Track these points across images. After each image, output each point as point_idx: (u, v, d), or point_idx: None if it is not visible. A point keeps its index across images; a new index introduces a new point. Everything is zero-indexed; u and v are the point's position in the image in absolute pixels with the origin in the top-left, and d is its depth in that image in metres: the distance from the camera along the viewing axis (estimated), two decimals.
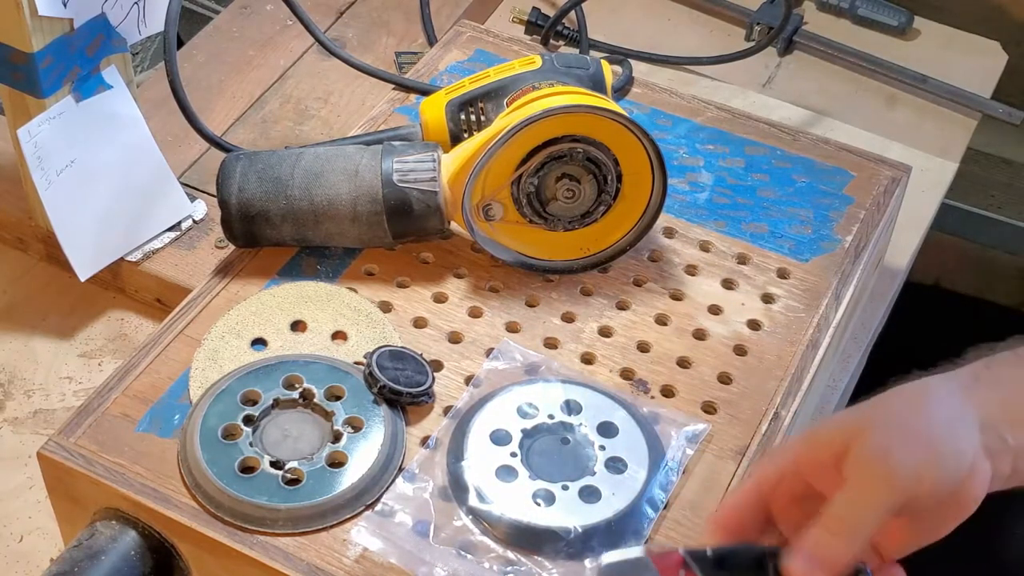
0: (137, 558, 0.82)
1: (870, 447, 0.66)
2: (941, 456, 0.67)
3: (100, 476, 0.83)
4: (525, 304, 0.95)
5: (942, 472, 0.67)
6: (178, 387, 0.88)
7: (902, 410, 0.69)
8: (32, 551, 0.95)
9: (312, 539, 0.80)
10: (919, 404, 0.69)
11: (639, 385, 0.90)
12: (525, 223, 0.96)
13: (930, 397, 0.70)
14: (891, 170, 1.07)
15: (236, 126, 1.24)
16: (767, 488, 0.70)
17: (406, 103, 1.11)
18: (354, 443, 0.83)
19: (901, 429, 0.67)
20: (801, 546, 0.66)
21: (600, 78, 1.02)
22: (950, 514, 0.69)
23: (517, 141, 0.92)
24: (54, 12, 0.94)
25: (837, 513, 0.66)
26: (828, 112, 1.30)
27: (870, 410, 0.69)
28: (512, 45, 1.17)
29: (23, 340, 1.09)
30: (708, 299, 0.96)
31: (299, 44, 1.32)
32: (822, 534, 0.66)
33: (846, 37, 1.38)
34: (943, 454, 0.67)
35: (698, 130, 1.09)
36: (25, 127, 0.99)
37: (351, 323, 0.92)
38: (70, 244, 1.04)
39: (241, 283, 0.95)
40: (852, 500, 0.66)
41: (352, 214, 0.94)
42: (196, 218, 1.12)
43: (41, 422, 1.03)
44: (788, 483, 0.70)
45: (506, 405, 0.86)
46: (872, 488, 0.66)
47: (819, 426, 0.70)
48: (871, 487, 0.66)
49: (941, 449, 0.67)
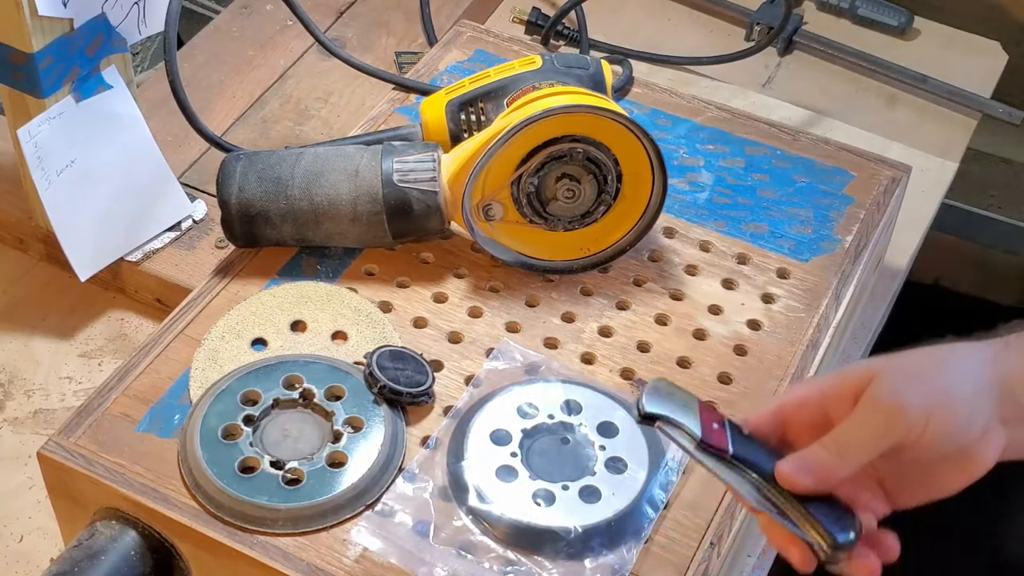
0: (137, 558, 0.82)
1: (883, 385, 0.69)
2: (952, 407, 0.69)
3: (100, 476, 0.83)
4: (525, 304, 0.95)
5: (949, 421, 0.69)
6: (178, 387, 0.88)
7: (926, 363, 0.71)
8: (32, 551, 0.95)
9: (312, 539, 0.80)
10: (943, 361, 0.72)
11: (639, 385, 0.90)
12: (525, 223, 0.96)
13: (955, 357, 0.72)
14: (891, 170, 1.07)
15: (236, 126, 1.24)
16: (789, 409, 0.73)
17: (406, 103, 1.11)
18: (354, 443, 0.83)
19: (919, 377, 0.70)
20: (797, 454, 0.70)
21: (600, 78, 1.02)
22: (959, 472, 0.71)
23: (517, 141, 0.92)
24: (54, 12, 0.94)
25: (835, 434, 0.70)
26: (828, 112, 1.30)
27: (897, 359, 0.72)
28: (512, 45, 1.17)
29: (23, 340, 1.09)
30: (708, 299, 0.96)
31: (299, 44, 1.32)
32: (817, 448, 0.70)
33: (846, 37, 1.38)
34: (954, 407, 0.69)
35: (698, 130, 1.09)
36: (25, 127, 0.99)
37: (351, 323, 0.92)
38: (70, 244, 1.04)
39: (241, 283, 0.95)
40: (853, 424, 0.69)
41: (352, 214, 0.94)
42: (196, 218, 1.12)
43: (41, 422, 1.03)
44: (809, 410, 0.72)
45: (506, 405, 0.86)
46: (874, 418, 0.69)
47: (848, 367, 0.74)
48: (873, 417, 0.69)
49: (953, 402, 0.69)
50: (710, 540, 0.82)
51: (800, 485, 0.69)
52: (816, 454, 0.70)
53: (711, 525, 0.83)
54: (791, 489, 0.69)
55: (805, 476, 0.69)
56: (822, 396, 0.72)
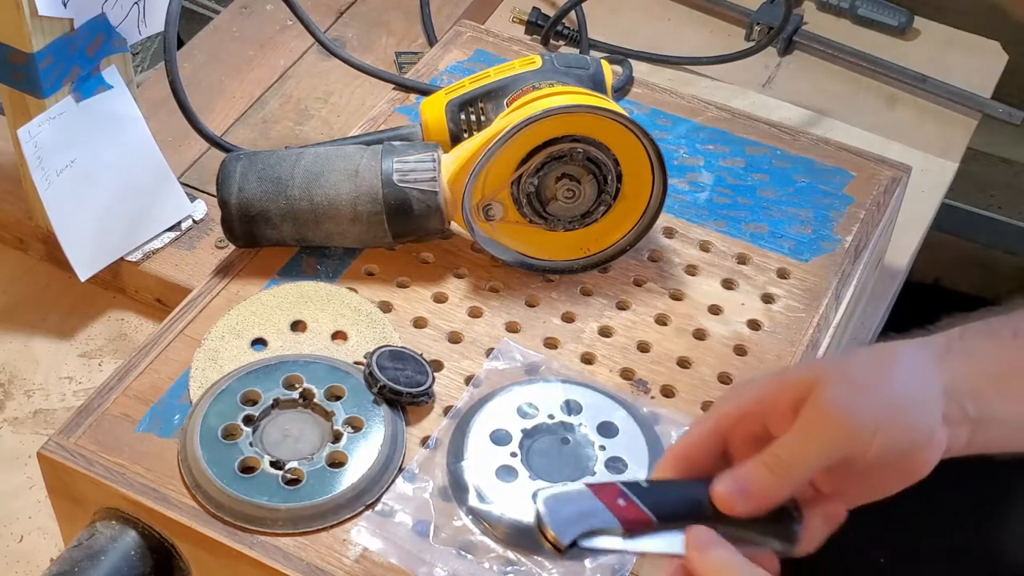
0: (137, 558, 0.82)
1: (828, 396, 0.66)
2: (900, 420, 0.66)
3: (100, 476, 0.83)
4: (525, 304, 0.95)
5: (897, 434, 0.66)
6: (178, 387, 0.88)
7: (869, 368, 0.68)
8: (32, 551, 0.95)
9: (312, 539, 0.80)
10: (887, 365, 0.69)
11: (639, 385, 0.90)
12: (525, 223, 0.96)
13: (899, 360, 0.69)
14: (891, 170, 1.07)
15: (236, 126, 1.24)
16: (726, 425, 0.70)
17: (406, 103, 1.11)
18: (354, 443, 0.83)
19: (863, 385, 0.67)
20: (733, 473, 0.66)
21: (600, 78, 1.02)
22: (901, 477, 0.68)
23: (517, 141, 0.92)
24: (54, 12, 0.94)
25: (776, 450, 0.66)
26: (828, 112, 1.30)
27: (838, 362, 0.69)
28: (512, 45, 1.17)
29: (23, 340, 1.09)
30: (708, 299, 0.96)
31: (299, 44, 1.32)
32: (756, 466, 0.66)
33: (846, 37, 1.38)
34: (902, 419, 0.66)
35: (698, 130, 1.09)
36: (25, 127, 0.99)
37: (351, 323, 0.92)
38: (70, 244, 1.04)
39: (241, 283, 0.95)
40: (795, 439, 0.66)
41: (352, 214, 0.94)
42: (196, 218, 1.12)
43: (41, 422, 1.03)
44: (747, 423, 0.69)
45: (506, 405, 0.86)
46: (817, 434, 0.65)
47: (785, 371, 0.70)
48: (816, 433, 0.65)
49: (902, 414, 0.67)
50: None
51: (739, 510, 0.66)
52: (754, 474, 0.66)
53: None
54: (729, 514, 0.65)
55: (745, 501, 0.65)
56: (758, 407, 0.69)
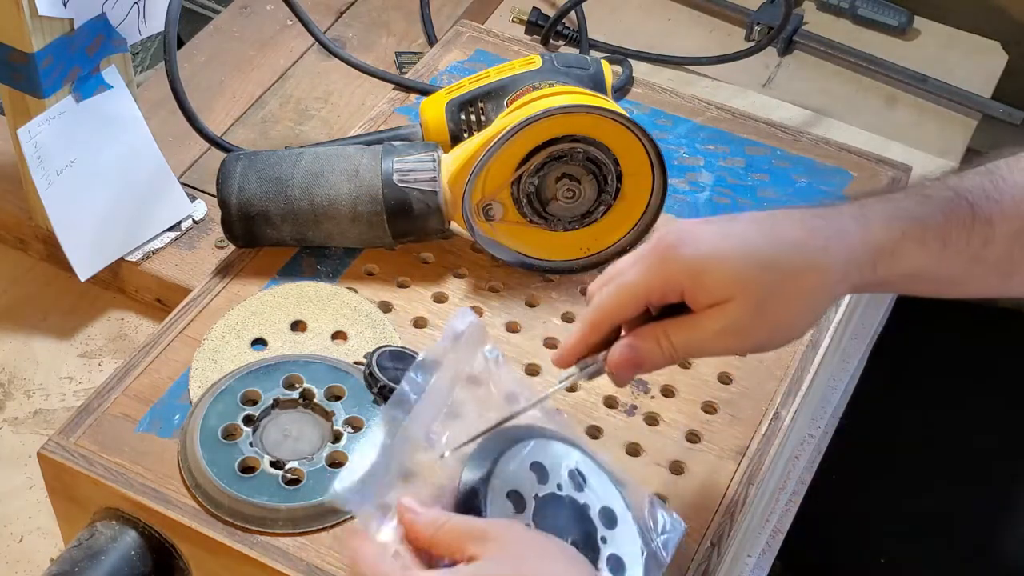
0: (137, 558, 0.82)
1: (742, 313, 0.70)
2: (792, 336, 0.72)
3: (100, 476, 0.83)
4: (525, 304, 0.95)
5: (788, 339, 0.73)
6: (178, 387, 0.88)
7: (786, 289, 0.71)
8: (32, 551, 0.95)
9: (312, 539, 0.80)
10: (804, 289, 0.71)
11: (639, 385, 0.90)
12: (525, 223, 0.96)
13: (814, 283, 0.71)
14: (891, 170, 1.07)
15: (236, 126, 1.24)
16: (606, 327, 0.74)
17: (406, 103, 1.11)
18: (354, 443, 0.83)
19: (775, 319, 0.71)
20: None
21: (600, 78, 1.02)
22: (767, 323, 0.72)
23: (517, 141, 0.92)
24: (54, 12, 0.94)
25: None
26: (828, 112, 1.30)
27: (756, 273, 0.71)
28: (512, 45, 1.17)
29: (23, 340, 1.09)
30: None
31: (299, 44, 1.32)
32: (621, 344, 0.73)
33: (846, 37, 1.38)
34: (794, 335, 0.72)
35: (698, 130, 1.09)
36: (25, 127, 0.99)
37: (351, 323, 0.92)
38: (70, 244, 1.04)
39: (241, 283, 0.95)
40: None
41: (352, 214, 0.94)
42: (196, 218, 1.12)
43: (41, 422, 1.03)
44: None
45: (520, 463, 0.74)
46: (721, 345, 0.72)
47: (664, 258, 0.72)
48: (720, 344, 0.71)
49: (794, 332, 0.72)
50: (710, 540, 0.82)
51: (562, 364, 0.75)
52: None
53: (711, 525, 0.83)
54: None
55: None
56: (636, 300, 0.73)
